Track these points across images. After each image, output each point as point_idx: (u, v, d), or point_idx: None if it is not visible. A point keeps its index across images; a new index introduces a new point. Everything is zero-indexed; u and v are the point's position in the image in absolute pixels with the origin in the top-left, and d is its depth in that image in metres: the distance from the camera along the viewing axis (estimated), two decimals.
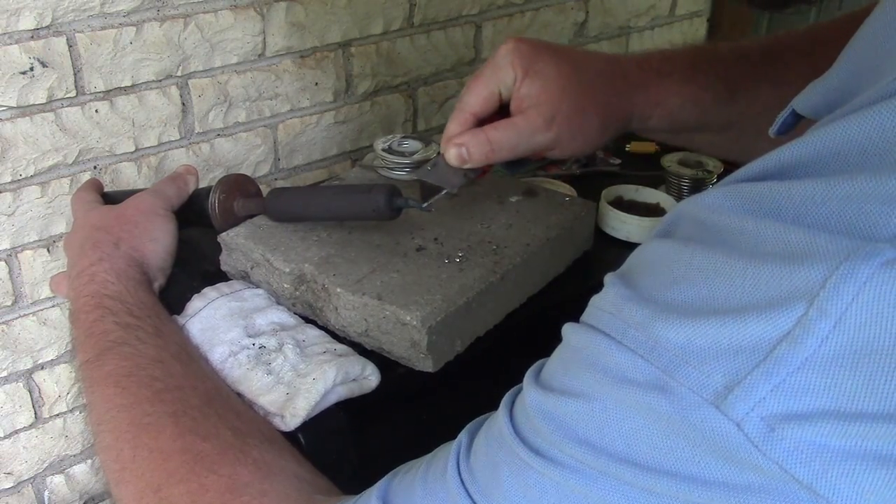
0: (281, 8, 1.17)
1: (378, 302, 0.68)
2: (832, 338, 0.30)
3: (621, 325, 0.36)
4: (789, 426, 0.31)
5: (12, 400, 1.15)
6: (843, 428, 0.30)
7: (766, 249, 0.32)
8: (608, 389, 0.36)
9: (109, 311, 0.68)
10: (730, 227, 0.34)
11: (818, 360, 0.30)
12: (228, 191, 0.82)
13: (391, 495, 0.47)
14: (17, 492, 1.21)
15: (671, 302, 0.35)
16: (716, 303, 0.33)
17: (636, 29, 1.68)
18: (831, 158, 0.33)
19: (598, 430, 0.37)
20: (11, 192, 1.04)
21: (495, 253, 0.76)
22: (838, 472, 0.30)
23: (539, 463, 0.39)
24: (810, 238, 0.31)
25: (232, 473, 0.55)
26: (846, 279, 0.29)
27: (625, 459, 0.36)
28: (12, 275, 1.08)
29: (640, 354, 0.35)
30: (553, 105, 0.68)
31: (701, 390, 0.33)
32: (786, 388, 0.31)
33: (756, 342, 0.31)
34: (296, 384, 0.64)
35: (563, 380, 0.39)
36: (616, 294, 0.38)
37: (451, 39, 1.39)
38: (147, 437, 0.58)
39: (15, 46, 0.98)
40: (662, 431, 0.34)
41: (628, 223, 0.93)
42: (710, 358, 0.33)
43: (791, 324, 0.31)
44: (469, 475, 0.43)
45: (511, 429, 0.41)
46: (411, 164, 0.90)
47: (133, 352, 0.64)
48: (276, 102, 1.23)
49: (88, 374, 0.65)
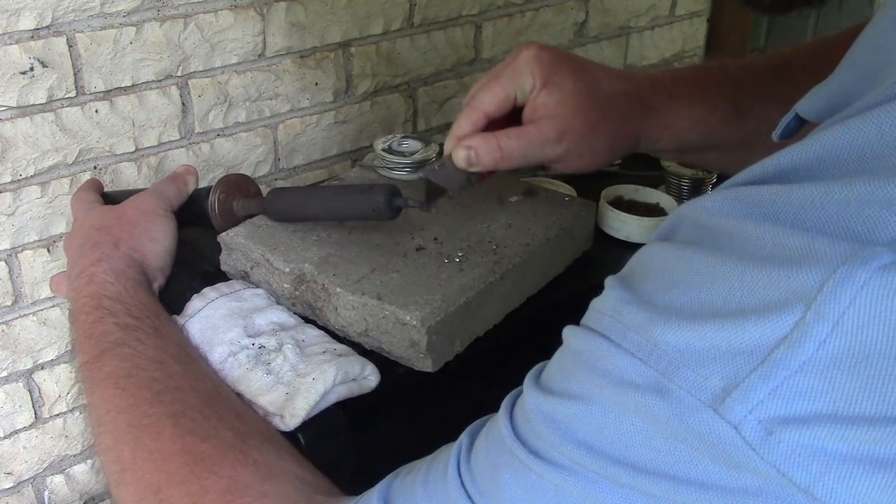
0: (281, 8, 1.17)
1: (378, 302, 0.68)
2: (830, 341, 0.30)
3: (621, 328, 0.37)
4: (787, 429, 0.31)
5: (12, 400, 1.15)
6: (841, 431, 0.30)
7: (764, 253, 0.32)
8: (607, 392, 0.37)
9: (109, 311, 0.68)
10: (729, 230, 0.34)
11: (816, 364, 0.30)
12: (228, 191, 0.82)
13: (392, 496, 0.47)
14: (17, 492, 1.21)
15: (670, 305, 0.35)
16: (714, 306, 0.33)
17: (636, 29, 1.68)
18: (830, 162, 0.33)
19: (597, 432, 0.37)
20: (11, 192, 1.04)
21: (495, 253, 0.76)
22: (836, 476, 0.31)
23: (538, 465, 0.39)
24: (808, 242, 0.31)
25: (232, 475, 0.55)
26: (844, 283, 0.29)
27: (623, 462, 0.36)
28: (12, 275, 1.08)
29: (639, 357, 0.35)
30: (567, 120, 0.68)
31: (699, 393, 0.33)
32: (783, 392, 0.31)
33: (754, 345, 0.31)
34: (295, 384, 0.64)
35: (562, 382, 0.40)
36: (616, 297, 0.38)
37: (451, 39, 1.39)
38: (147, 439, 0.58)
39: (15, 46, 0.98)
40: (660, 434, 0.35)
41: (628, 223, 0.93)
42: (708, 361, 0.33)
43: (789, 327, 0.31)
44: (469, 477, 0.43)
45: (511, 431, 0.41)
46: (411, 164, 0.90)
47: (132, 353, 0.64)
48: (276, 102, 1.23)
49: (88, 376, 0.65)
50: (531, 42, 0.70)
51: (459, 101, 1.44)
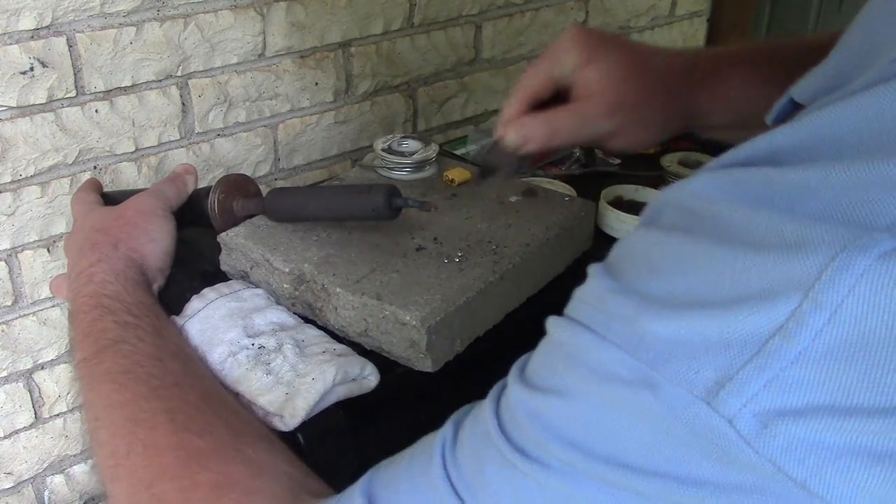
0: (281, 8, 1.17)
1: (377, 302, 0.68)
2: (827, 331, 0.29)
3: (604, 318, 0.35)
4: (783, 422, 0.30)
5: (12, 400, 1.15)
6: (839, 424, 0.29)
7: (757, 239, 0.31)
8: (593, 387, 0.35)
9: (108, 310, 0.67)
10: (718, 214, 0.33)
11: (813, 354, 0.29)
12: (228, 191, 0.82)
13: (375, 490, 0.45)
14: (17, 492, 1.21)
15: (657, 294, 0.34)
16: (705, 294, 0.32)
17: (636, 29, 1.68)
18: (827, 144, 0.32)
19: (583, 430, 0.36)
20: (11, 192, 1.04)
21: (495, 253, 0.76)
22: (833, 470, 0.30)
23: (524, 464, 0.38)
24: (805, 227, 0.30)
25: (223, 470, 0.54)
26: (842, 270, 0.28)
27: (611, 460, 0.35)
28: (12, 275, 1.08)
29: (626, 350, 0.34)
30: (617, 93, 0.65)
31: (690, 387, 0.32)
32: (779, 383, 0.30)
33: (748, 336, 0.30)
34: (295, 384, 0.64)
35: (546, 378, 0.38)
36: (599, 286, 0.37)
37: (451, 39, 1.39)
38: (142, 433, 0.58)
39: (15, 46, 0.98)
40: (650, 430, 0.33)
41: (628, 223, 0.93)
42: (699, 352, 0.31)
43: (784, 316, 0.30)
44: (455, 469, 0.42)
45: (496, 426, 0.40)
46: (411, 164, 0.90)
47: (131, 350, 0.64)
48: (276, 102, 1.23)
49: (86, 372, 0.64)
50: (573, 23, 0.68)
51: (459, 101, 1.44)
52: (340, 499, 0.48)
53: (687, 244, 0.34)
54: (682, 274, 0.33)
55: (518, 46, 1.48)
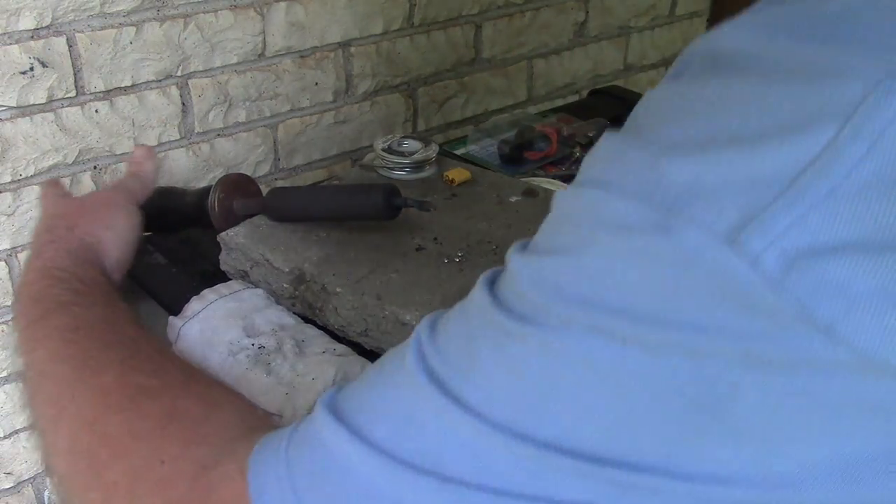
0: (281, 8, 1.17)
1: (377, 302, 0.68)
2: (865, 162, 0.27)
3: (618, 169, 0.32)
4: (812, 261, 0.27)
5: (12, 400, 1.15)
6: (872, 263, 0.27)
7: (790, 68, 0.28)
8: (603, 238, 0.32)
9: (59, 279, 0.65)
10: (749, 51, 0.30)
11: (848, 188, 0.27)
12: (228, 191, 0.82)
13: (342, 404, 0.41)
14: (17, 492, 1.21)
15: (677, 139, 0.31)
16: (729, 131, 0.29)
17: (636, 29, 1.68)
18: None
19: (591, 283, 0.32)
20: (11, 192, 1.04)
21: (495, 253, 0.76)
22: (864, 311, 0.27)
23: (522, 328, 0.34)
24: (847, 54, 0.27)
25: (173, 402, 0.51)
26: (886, 96, 0.26)
27: (620, 310, 0.32)
28: (12, 275, 1.08)
29: (640, 198, 0.31)
30: None
31: (710, 228, 0.29)
32: (810, 220, 0.27)
33: (777, 171, 0.28)
34: (295, 384, 0.64)
35: (551, 240, 0.35)
36: (613, 141, 0.34)
37: (451, 39, 1.39)
38: (90, 377, 0.54)
39: (15, 46, 0.98)
40: (663, 278, 0.30)
41: None
42: (722, 192, 0.29)
43: (819, 148, 0.27)
44: (438, 357, 0.37)
45: (491, 299, 0.36)
46: (411, 164, 0.90)
47: (83, 312, 0.61)
48: (276, 102, 1.23)
49: (31, 335, 0.61)
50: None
51: (459, 101, 1.44)
52: (301, 422, 0.43)
53: (712, 85, 0.31)
54: (705, 115, 0.30)
55: (518, 46, 1.48)
